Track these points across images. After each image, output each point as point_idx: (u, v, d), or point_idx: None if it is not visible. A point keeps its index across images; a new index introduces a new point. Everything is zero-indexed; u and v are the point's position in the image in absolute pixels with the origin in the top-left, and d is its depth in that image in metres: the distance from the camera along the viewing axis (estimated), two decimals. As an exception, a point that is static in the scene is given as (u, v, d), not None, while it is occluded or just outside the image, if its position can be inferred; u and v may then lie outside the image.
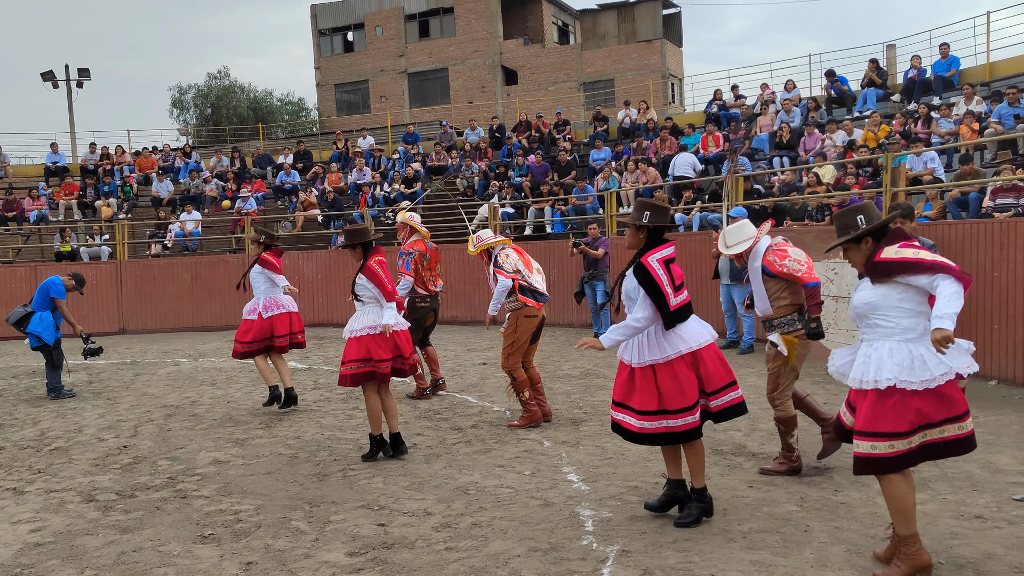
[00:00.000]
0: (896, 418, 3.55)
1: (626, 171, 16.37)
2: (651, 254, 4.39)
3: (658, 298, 4.30)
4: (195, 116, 38.06)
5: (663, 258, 4.40)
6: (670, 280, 4.36)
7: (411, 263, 8.14)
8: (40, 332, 9.17)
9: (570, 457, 5.87)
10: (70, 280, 9.64)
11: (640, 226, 4.48)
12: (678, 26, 34.85)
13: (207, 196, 20.17)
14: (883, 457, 3.57)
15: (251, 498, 5.26)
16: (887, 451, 3.56)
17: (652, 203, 4.53)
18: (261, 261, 8.00)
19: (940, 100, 14.99)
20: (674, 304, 4.32)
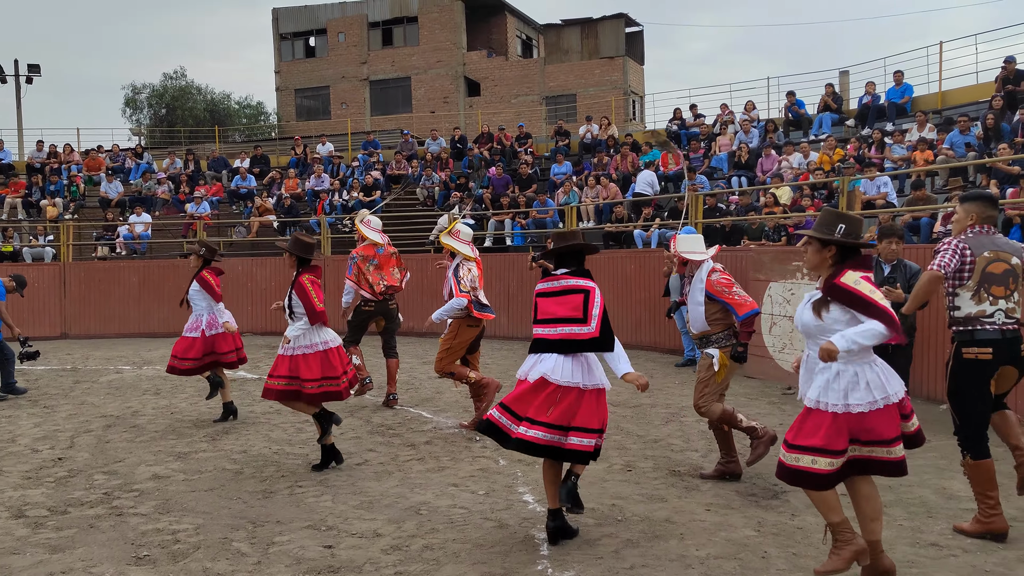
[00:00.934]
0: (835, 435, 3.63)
1: (586, 186, 16.39)
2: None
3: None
4: (149, 116, 37.23)
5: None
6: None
7: (353, 267, 8.19)
8: None
9: (525, 476, 5.75)
10: (11, 282, 9.40)
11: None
12: (640, 44, 35.21)
13: (159, 198, 19.67)
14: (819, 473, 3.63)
15: (191, 516, 5.03)
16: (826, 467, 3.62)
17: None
18: (199, 279, 7.75)
19: (893, 126, 15.32)
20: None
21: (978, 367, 4.34)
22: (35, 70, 27.43)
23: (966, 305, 4.37)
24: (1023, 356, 4.39)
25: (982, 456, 4.37)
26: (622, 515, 4.89)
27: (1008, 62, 14.10)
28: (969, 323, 4.35)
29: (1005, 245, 4.41)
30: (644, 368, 10.66)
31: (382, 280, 8.19)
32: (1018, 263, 4.38)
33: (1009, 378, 4.46)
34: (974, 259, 4.33)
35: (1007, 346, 4.33)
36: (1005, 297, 4.33)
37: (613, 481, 5.59)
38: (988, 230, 4.41)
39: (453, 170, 19.61)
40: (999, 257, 4.34)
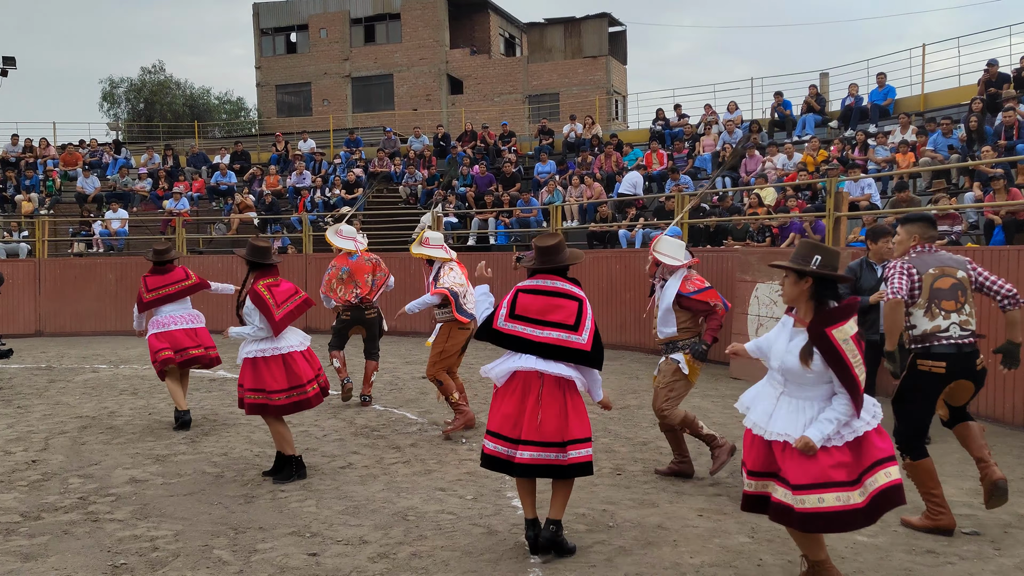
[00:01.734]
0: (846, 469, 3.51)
1: (571, 185, 16.31)
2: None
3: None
4: (127, 111, 36.68)
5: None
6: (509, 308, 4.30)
7: (325, 280, 8.43)
8: None
9: (513, 481, 5.63)
10: None
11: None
12: (623, 44, 35.19)
13: (136, 194, 19.35)
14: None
15: (170, 522, 4.88)
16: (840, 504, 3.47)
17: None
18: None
19: (876, 128, 15.37)
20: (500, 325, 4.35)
21: (930, 379, 4.48)
22: (10, 63, 26.79)
23: (921, 323, 4.51)
24: (978, 370, 4.50)
25: (921, 456, 4.52)
26: (613, 521, 4.80)
27: (991, 65, 14.18)
28: (926, 339, 4.48)
29: (949, 260, 4.57)
30: (630, 369, 10.60)
31: (355, 289, 8.27)
32: (964, 276, 4.52)
33: (965, 391, 4.58)
34: (921, 277, 4.50)
35: (962, 360, 4.44)
36: (956, 311, 4.46)
37: (603, 485, 5.50)
38: (930, 248, 4.60)
39: (437, 168, 19.47)
40: (944, 272, 4.50)
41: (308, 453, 6.43)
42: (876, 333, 6.46)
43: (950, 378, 4.46)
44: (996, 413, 7.31)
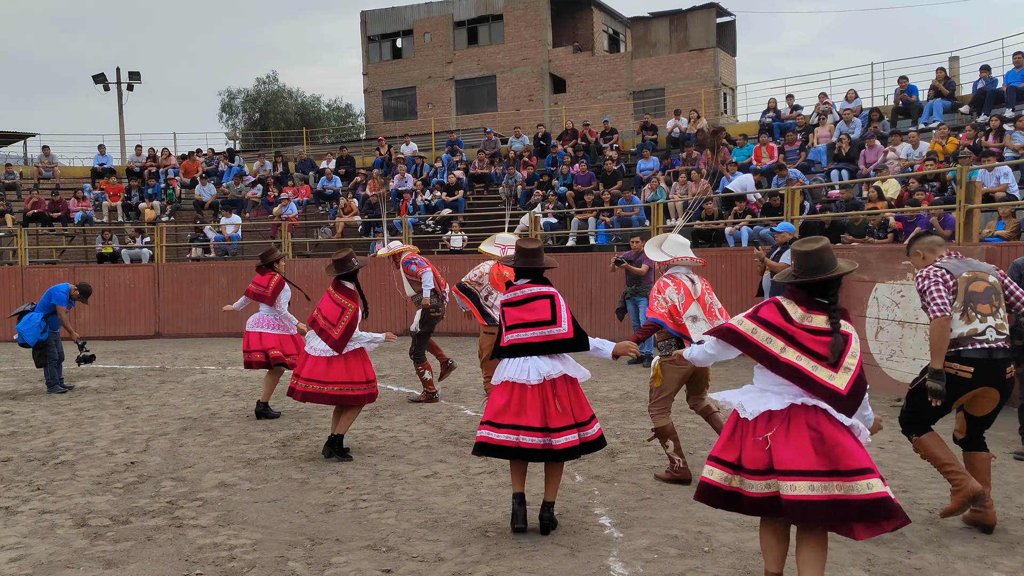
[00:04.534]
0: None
1: (675, 182, 15.73)
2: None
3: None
4: (243, 121, 38.37)
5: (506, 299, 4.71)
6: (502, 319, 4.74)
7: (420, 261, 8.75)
8: (24, 331, 9.55)
9: (603, 496, 5.31)
10: (75, 290, 9.91)
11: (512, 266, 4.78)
12: (732, 35, 33.98)
13: (248, 200, 20.06)
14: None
15: (250, 530, 4.81)
16: None
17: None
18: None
19: (1013, 112, 14.07)
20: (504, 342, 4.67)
21: (954, 383, 4.36)
22: (135, 77, 28.58)
23: (957, 326, 4.39)
24: (1008, 378, 4.36)
25: (923, 432, 4.52)
26: (709, 545, 4.39)
27: None
28: (960, 343, 4.37)
29: (978, 266, 4.51)
30: (733, 372, 10.01)
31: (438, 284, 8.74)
32: (995, 281, 4.47)
33: (990, 400, 4.43)
34: (956, 281, 4.42)
35: (992, 366, 4.33)
36: (992, 314, 4.37)
37: (699, 505, 5.07)
38: (957, 255, 4.58)
39: (536, 168, 19.25)
40: (977, 276, 4.43)
41: (394, 460, 6.31)
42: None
43: (976, 384, 4.34)
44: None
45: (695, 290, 5.50)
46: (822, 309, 3.46)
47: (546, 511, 4.66)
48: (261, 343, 8.09)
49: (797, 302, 3.51)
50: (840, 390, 3.32)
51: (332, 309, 6.31)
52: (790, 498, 3.25)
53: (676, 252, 5.58)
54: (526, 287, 4.71)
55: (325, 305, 6.37)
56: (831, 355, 3.34)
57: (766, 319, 3.51)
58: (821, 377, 3.35)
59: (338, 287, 6.43)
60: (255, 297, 8.26)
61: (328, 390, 6.24)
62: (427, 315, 8.58)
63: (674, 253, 5.58)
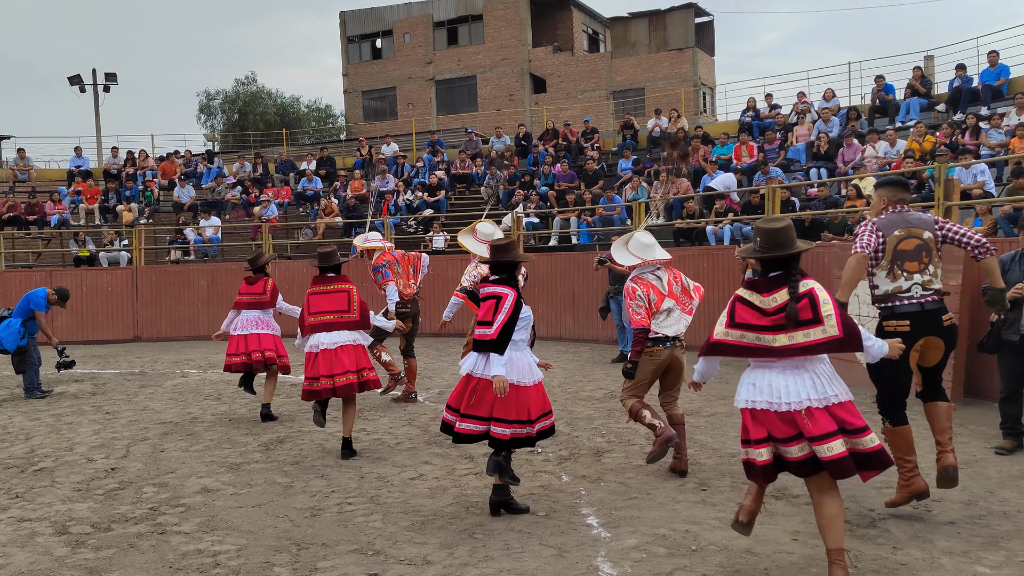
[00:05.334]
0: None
1: (656, 181, 15.77)
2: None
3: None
4: (222, 122, 38.06)
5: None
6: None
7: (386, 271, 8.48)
8: (2, 337, 9.45)
9: (590, 496, 5.30)
10: (53, 294, 9.80)
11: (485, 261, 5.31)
12: (710, 35, 34.17)
13: (228, 202, 19.89)
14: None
15: (235, 535, 4.76)
16: None
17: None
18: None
19: (989, 110, 14.23)
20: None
21: (896, 337, 4.39)
22: (112, 79, 28.25)
23: (883, 283, 4.59)
24: (946, 326, 4.51)
25: (900, 423, 4.61)
26: (696, 544, 4.39)
27: (1121, 36, 12.88)
28: (888, 299, 4.56)
29: (917, 221, 4.60)
30: (725, 370, 10.03)
31: (410, 281, 8.64)
32: (930, 236, 4.56)
33: (935, 349, 4.58)
34: (885, 239, 4.56)
35: (927, 317, 4.48)
36: (920, 271, 4.51)
37: (686, 503, 5.10)
38: (900, 208, 4.65)
39: (518, 168, 19.23)
40: (910, 234, 4.54)
41: (379, 463, 6.27)
42: (1016, 333, 6.08)
43: (917, 335, 4.49)
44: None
45: (663, 285, 5.67)
46: (780, 284, 3.74)
47: (494, 494, 4.97)
48: (259, 344, 8.04)
49: (756, 290, 3.80)
50: (837, 336, 3.61)
51: (334, 299, 6.52)
52: (830, 458, 3.58)
53: (644, 254, 5.69)
54: (490, 285, 4.97)
55: (322, 301, 6.51)
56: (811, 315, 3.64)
57: (745, 322, 3.77)
58: (816, 338, 3.62)
59: (325, 280, 6.58)
60: (249, 306, 8.15)
61: (356, 378, 6.43)
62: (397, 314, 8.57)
63: (642, 255, 5.68)
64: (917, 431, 4.90)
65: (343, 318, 6.47)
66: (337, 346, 6.43)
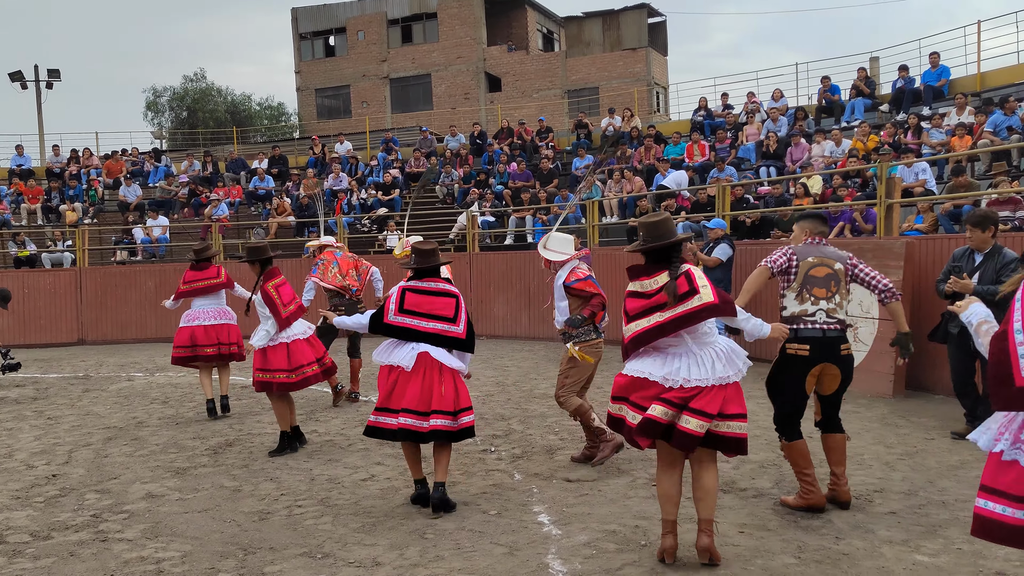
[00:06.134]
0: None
1: (610, 180, 15.89)
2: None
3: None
4: (170, 119, 37.28)
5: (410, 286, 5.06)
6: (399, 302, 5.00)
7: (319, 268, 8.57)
8: None
9: (542, 493, 5.31)
10: None
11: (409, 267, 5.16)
12: (663, 35, 34.53)
13: (177, 201, 19.50)
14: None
15: (179, 542, 4.66)
16: None
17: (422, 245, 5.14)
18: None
19: (930, 110, 14.63)
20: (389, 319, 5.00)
21: (796, 361, 4.69)
22: (55, 75, 27.47)
23: (791, 305, 4.76)
24: (843, 355, 4.70)
25: (795, 438, 4.78)
26: (646, 539, 4.43)
27: (1053, 39, 13.34)
28: (794, 321, 4.71)
29: (832, 253, 4.83)
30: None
31: (343, 280, 8.58)
32: (841, 268, 4.78)
33: (832, 378, 4.76)
34: (799, 263, 4.77)
35: (827, 344, 4.66)
36: (827, 298, 4.71)
37: (636, 498, 5.14)
38: (817, 240, 4.90)
39: (473, 166, 19.21)
40: (823, 262, 4.77)
41: (331, 464, 6.20)
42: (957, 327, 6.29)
43: (815, 360, 4.67)
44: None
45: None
46: (661, 268, 4.07)
47: (435, 491, 4.96)
48: (218, 337, 8.05)
49: (638, 276, 4.12)
50: (712, 301, 3.95)
51: (290, 291, 6.75)
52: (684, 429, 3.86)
53: (566, 249, 5.90)
54: (434, 281, 5.11)
55: (287, 294, 6.65)
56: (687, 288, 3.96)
57: (638, 310, 4.06)
58: (694, 305, 3.93)
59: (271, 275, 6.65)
60: (204, 292, 8.15)
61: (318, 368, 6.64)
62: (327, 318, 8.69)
63: (566, 250, 5.90)
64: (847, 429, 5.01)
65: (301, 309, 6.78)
66: (308, 335, 6.72)
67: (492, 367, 10.74)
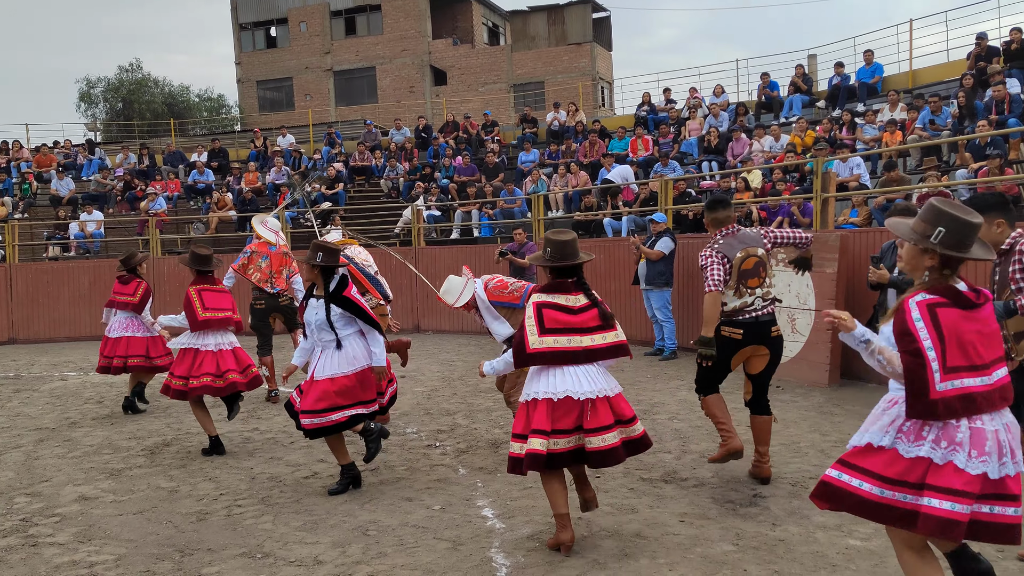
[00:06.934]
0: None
1: (555, 174, 15.95)
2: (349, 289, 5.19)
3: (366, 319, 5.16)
4: (105, 111, 36.14)
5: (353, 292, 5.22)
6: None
7: (242, 259, 8.48)
8: None
9: (486, 487, 5.32)
10: None
11: (314, 265, 5.14)
12: (608, 30, 34.75)
13: (112, 195, 18.93)
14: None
15: (113, 545, 4.54)
16: None
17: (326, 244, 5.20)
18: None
19: (864, 106, 15.04)
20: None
21: (728, 343, 5.02)
22: (-19, 64, 26.34)
23: (731, 301, 4.99)
24: (773, 336, 4.99)
25: (709, 393, 5.15)
26: (589, 531, 4.47)
27: (980, 39, 13.86)
28: (735, 314, 4.99)
29: (749, 240, 5.02)
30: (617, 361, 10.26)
31: (271, 278, 8.47)
32: (763, 252, 5.01)
33: (762, 357, 5.06)
34: (731, 263, 4.95)
35: (758, 328, 4.98)
36: (760, 285, 4.97)
37: (572, 490, 5.16)
38: (732, 230, 5.06)
39: (418, 160, 19.09)
40: (749, 253, 4.97)
41: (272, 463, 6.11)
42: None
43: (746, 343, 4.98)
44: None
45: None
46: (577, 289, 4.20)
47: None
48: (127, 349, 7.99)
49: (559, 291, 4.18)
50: (624, 341, 4.20)
51: (221, 299, 6.52)
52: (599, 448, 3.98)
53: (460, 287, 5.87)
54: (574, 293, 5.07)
55: (210, 299, 6.45)
56: (604, 321, 4.13)
57: (556, 325, 4.08)
58: (616, 340, 4.15)
59: (207, 278, 6.56)
60: (121, 306, 8.09)
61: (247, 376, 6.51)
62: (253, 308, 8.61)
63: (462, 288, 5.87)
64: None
65: (234, 318, 6.57)
66: (234, 345, 6.52)
67: (438, 362, 10.70)
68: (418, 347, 12.38)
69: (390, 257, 14.21)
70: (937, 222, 2.88)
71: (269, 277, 8.46)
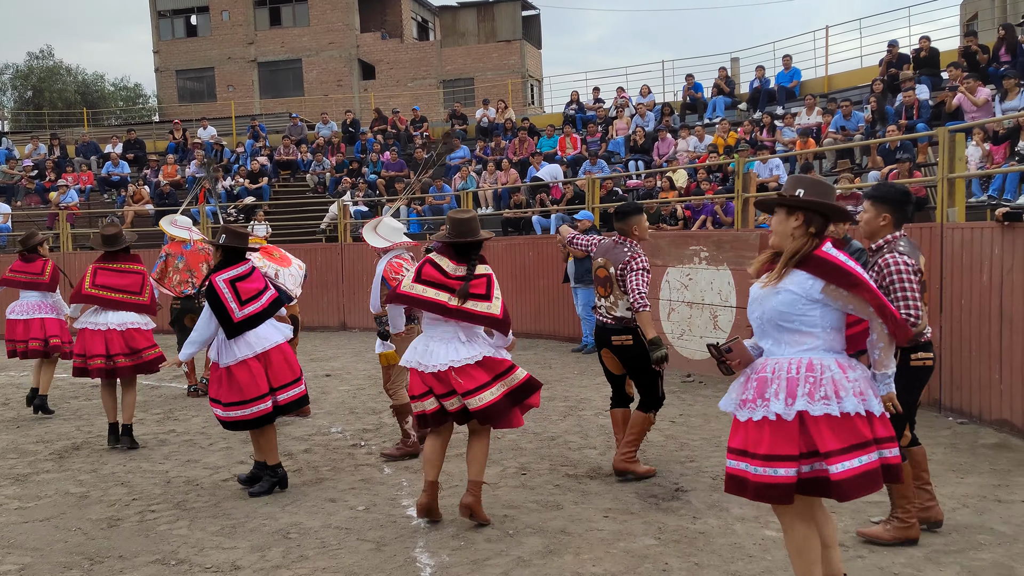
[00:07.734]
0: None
1: (485, 171, 15.93)
2: (217, 275, 5.04)
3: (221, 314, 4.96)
4: (13, 99, 34.43)
5: (229, 278, 5.04)
6: (235, 296, 5.00)
7: (159, 265, 8.36)
8: None
9: (412, 486, 5.26)
10: None
11: (218, 246, 5.15)
12: (537, 28, 34.92)
13: (21, 187, 18.04)
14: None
15: (18, 554, 4.32)
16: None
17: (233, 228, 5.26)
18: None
19: (783, 109, 15.50)
20: (238, 317, 4.97)
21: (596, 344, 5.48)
22: None
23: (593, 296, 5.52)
24: (616, 345, 5.23)
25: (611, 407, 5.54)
26: (514, 528, 4.47)
27: (892, 46, 14.44)
28: (596, 312, 5.39)
29: (616, 256, 5.20)
30: (543, 357, 10.33)
31: (191, 279, 8.31)
32: (614, 272, 5.19)
33: (611, 360, 5.34)
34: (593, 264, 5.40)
35: (602, 334, 5.32)
36: (605, 297, 5.28)
37: (506, 487, 5.18)
38: (617, 240, 5.27)
39: (345, 155, 18.79)
40: (604, 265, 5.25)
41: (189, 465, 5.91)
42: None
43: (599, 345, 5.39)
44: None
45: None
46: (464, 261, 4.42)
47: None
48: (43, 331, 7.65)
49: (449, 256, 4.43)
50: (496, 315, 4.36)
51: (126, 279, 6.40)
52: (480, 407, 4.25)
53: (393, 237, 5.90)
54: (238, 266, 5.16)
55: (112, 279, 6.35)
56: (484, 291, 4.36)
57: (430, 279, 4.37)
58: (481, 310, 4.33)
59: (113, 258, 6.43)
60: (25, 286, 7.78)
61: (148, 356, 6.41)
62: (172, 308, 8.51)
63: (392, 238, 5.89)
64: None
65: (133, 299, 6.40)
66: (126, 327, 6.34)
67: (363, 360, 10.56)
68: (344, 345, 12.21)
69: (315, 253, 13.96)
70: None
71: (189, 276, 8.28)
